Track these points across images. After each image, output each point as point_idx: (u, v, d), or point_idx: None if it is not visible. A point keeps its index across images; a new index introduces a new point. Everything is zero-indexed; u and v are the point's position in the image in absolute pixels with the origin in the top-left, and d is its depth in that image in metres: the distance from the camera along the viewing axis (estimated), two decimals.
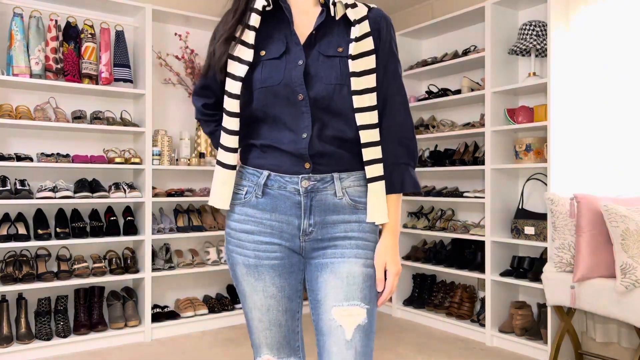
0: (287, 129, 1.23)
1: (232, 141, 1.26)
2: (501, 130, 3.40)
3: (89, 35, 3.39)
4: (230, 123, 1.25)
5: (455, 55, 3.84)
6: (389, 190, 1.26)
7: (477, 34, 3.88)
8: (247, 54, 1.23)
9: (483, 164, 3.52)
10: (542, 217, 3.18)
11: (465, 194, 3.65)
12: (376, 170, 1.24)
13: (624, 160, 2.84)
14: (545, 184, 3.30)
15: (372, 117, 1.23)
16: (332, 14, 1.26)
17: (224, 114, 1.26)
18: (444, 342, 3.44)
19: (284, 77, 1.21)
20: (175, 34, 3.89)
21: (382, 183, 1.25)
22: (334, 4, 1.25)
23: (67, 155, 3.33)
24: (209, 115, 1.40)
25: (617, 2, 2.86)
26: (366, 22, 1.24)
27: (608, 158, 2.89)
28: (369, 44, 1.23)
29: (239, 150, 1.29)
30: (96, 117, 3.44)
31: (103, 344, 3.32)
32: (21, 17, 3.18)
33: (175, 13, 3.67)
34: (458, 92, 3.82)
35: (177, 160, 3.75)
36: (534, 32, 3.23)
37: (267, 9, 1.27)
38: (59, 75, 3.31)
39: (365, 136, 1.23)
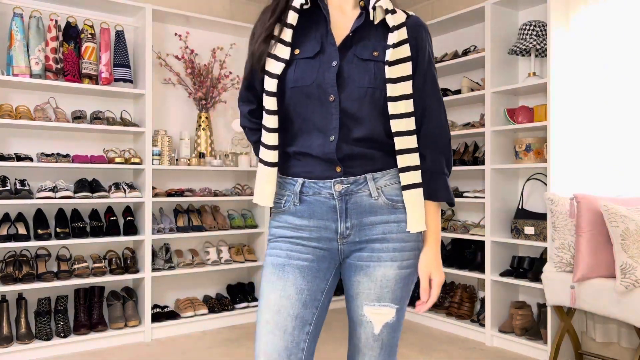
0: (315, 130, 1.23)
1: (272, 139, 1.26)
2: (501, 130, 3.40)
3: (89, 35, 3.39)
4: (270, 121, 1.25)
5: (455, 55, 3.84)
6: (429, 197, 1.27)
7: (477, 34, 3.88)
8: (284, 52, 1.23)
9: (483, 164, 3.52)
10: (542, 217, 3.18)
11: (465, 194, 3.65)
12: (412, 177, 1.24)
13: (624, 160, 2.84)
14: (545, 184, 3.30)
15: (408, 124, 1.23)
16: (371, 18, 1.26)
17: (264, 113, 1.26)
18: (444, 342, 3.44)
19: (316, 78, 1.21)
20: (175, 34, 3.90)
21: (419, 190, 1.24)
22: (374, 8, 1.25)
23: (67, 155, 3.33)
24: (256, 123, 1.37)
25: (617, 2, 2.86)
26: (404, 29, 1.24)
27: (608, 158, 2.89)
28: (405, 50, 1.23)
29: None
30: (96, 117, 3.44)
31: (103, 344, 3.32)
32: (21, 17, 3.18)
33: (175, 13, 3.67)
34: (458, 92, 3.82)
35: (177, 160, 3.75)
36: (534, 32, 3.23)
37: (305, 7, 1.26)
38: (59, 75, 3.31)
39: (401, 143, 1.22)
